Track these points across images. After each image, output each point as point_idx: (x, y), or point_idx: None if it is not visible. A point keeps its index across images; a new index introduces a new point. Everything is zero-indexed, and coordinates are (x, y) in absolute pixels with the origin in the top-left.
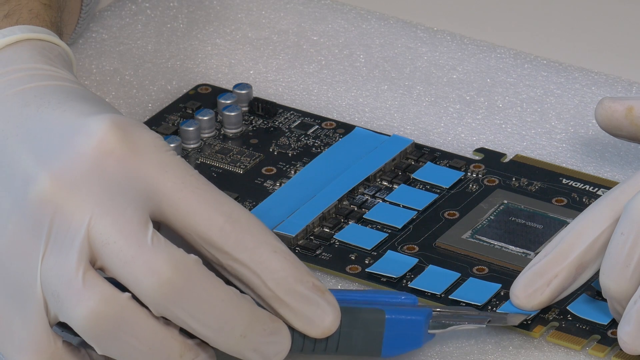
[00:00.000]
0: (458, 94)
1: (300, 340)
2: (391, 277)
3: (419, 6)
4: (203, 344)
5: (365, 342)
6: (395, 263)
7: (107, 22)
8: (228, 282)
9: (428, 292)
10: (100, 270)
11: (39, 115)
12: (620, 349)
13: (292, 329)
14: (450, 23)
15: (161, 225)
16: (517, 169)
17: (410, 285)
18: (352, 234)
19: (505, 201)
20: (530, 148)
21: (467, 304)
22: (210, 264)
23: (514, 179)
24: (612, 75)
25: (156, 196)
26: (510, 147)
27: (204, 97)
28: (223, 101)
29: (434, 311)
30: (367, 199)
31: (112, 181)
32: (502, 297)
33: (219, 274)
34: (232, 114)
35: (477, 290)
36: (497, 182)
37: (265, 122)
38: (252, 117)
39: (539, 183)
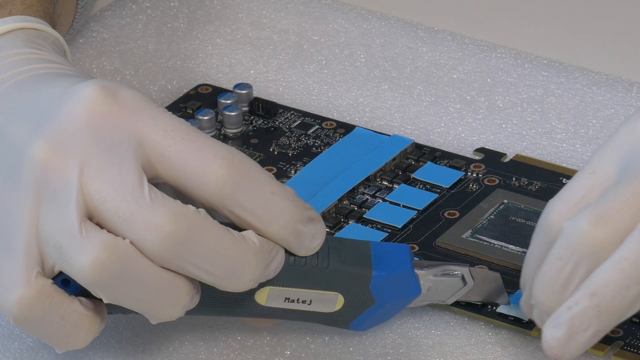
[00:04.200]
0: (458, 93)
1: (292, 257)
2: None
3: (420, 6)
4: None
5: (354, 256)
6: None
7: (108, 21)
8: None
9: None
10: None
11: (33, 91)
12: (620, 349)
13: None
14: (450, 23)
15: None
16: (517, 168)
17: None
18: (352, 234)
19: (505, 201)
20: (530, 148)
21: (467, 303)
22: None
23: (514, 179)
24: (612, 75)
25: (149, 147)
26: (511, 147)
27: (205, 97)
28: (223, 101)
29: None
30: (367, 199)
31: (105, 138)
32: None
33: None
34: (233, 113)
35: None
36: (497, 181)
37: (266, 122)
38: (252, 117)
39: (539, 183)
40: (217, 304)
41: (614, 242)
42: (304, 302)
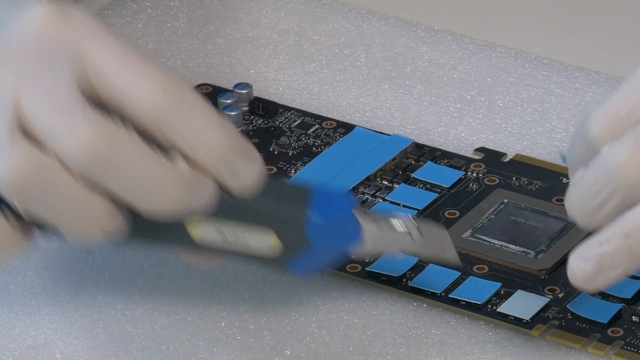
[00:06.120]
0: (458, 93)
1: (225, 191)
2: (391, 276)
3: (420, 5)
4: None
5: (291, 196)
6: (395, 262)
7: (108, 20)
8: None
9: (428, 291)
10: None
11: None
12: (620, 348)
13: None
14: (450, 22)
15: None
16: (517, 168)
17: (410, 284)
18: None
19: (506, 200)
20: (530, 147)
21: (467, 303)
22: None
23: (514, 179)
24: (612, 75)
25: (88, 63)
26: (511, 147)
27: (205, 96)
28: (223, 101)
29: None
30: (367, 198)
31: (45, 51)
32: (502, 295)
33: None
34: (233, 113)
35: (477, 289)
36: (497, 181)
37: (266, 121)
38: (252, 117)
39: (539, 182)
40: (148, 234)
41: None
42: (237, 237)
